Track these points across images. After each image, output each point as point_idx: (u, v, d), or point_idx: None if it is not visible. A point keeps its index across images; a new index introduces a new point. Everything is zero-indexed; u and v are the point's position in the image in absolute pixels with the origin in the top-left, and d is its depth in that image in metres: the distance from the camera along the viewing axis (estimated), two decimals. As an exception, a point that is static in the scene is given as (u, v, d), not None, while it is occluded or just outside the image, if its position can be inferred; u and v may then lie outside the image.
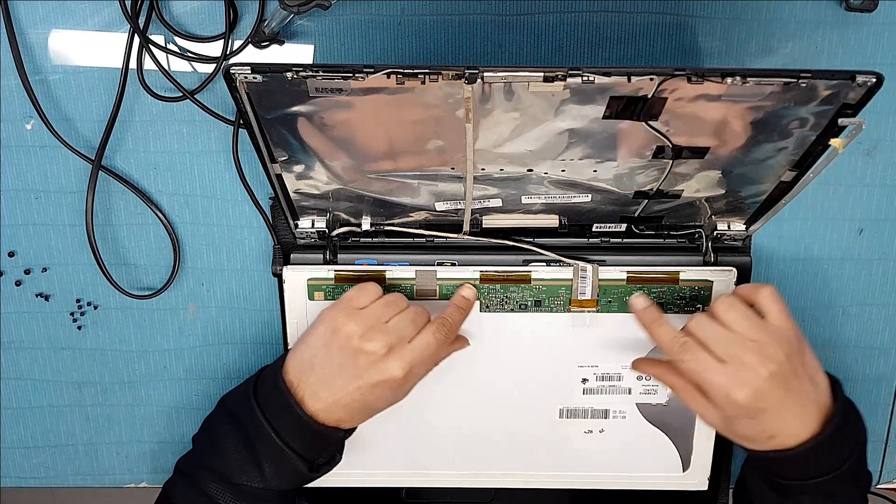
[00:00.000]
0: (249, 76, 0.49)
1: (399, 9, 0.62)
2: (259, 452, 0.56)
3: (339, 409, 0.57)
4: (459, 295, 0.62)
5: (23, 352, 0.70)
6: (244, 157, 0.65)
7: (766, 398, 0.53)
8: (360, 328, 0.56)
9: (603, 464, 0.68)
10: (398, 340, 0.57)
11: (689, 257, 0.65)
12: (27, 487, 0.74)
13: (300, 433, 0.56)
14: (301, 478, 0.58)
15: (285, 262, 0.64)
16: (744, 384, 0.53)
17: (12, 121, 0.65)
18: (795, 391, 0.54)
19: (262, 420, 0.56)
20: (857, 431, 0.58)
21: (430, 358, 0.58)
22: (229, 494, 0.57)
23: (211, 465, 0.58)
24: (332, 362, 0.56)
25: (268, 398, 0.57)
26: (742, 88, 0.49)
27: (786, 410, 0.54)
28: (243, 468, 0.57)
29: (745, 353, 0.53)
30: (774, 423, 0.54)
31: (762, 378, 0.53)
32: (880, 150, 0.66)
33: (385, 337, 0.56)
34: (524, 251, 0.64)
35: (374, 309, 0.58)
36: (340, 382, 0.56)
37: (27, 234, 0.67)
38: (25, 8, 0.63)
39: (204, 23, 0.63)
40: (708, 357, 0.54)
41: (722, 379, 0.54)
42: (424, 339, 0.58)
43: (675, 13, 0.63)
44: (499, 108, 0.52)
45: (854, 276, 0.69)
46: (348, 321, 0.57)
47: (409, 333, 0.57)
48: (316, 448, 0.58)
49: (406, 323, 0.58)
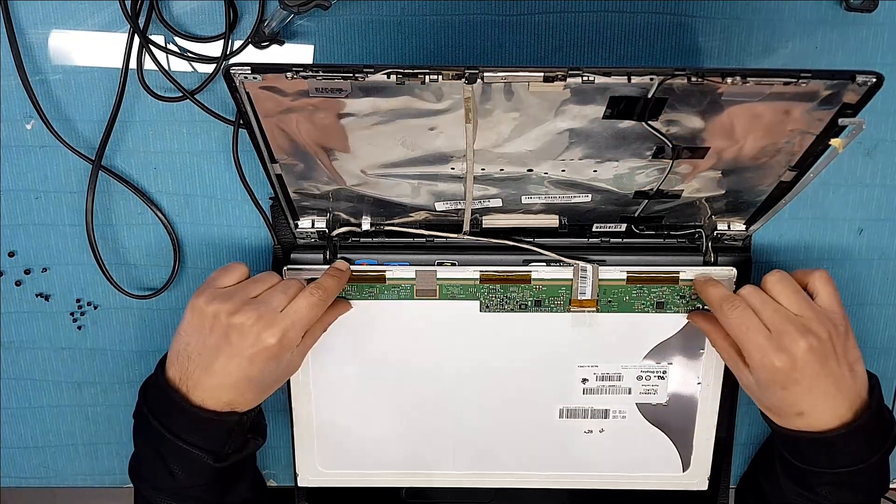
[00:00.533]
0: (249, 76, 0.49)
1: (399, 9, 0.62)
2: (164, 454, 0.57)
3: (225, 391, 0.56)
4: (333, 266, 0.62)
5: (23, 352, 0.70)
6: (244, 157, 0.65)
7: (802, 369, 0.54)
8: (227, 305, 0.55)
9: (603, 464, 0.68)
10: (267, 310, 0.55)
11: (689, 257, 0.65)
12: (27, 487, 0.74)
13: (192, 426, 0.56)
14: (211, 470, 0.57)
15: (285, 262, 0.64)
16: (782, 350, 0.54)
17: (12, 121, 0.65)
18: (832, 372, 0.55)
19: (154, 423, 0.56)
20: (889, 429, 0.58)
21: (305, 321, 0.57)
22: (164, 497, 0.58)
23: (139, 473, 0.60)
24: (207, 346, 0.56)
25: (155, 399, 0.58)
26: (742, 88, 0.49)
27: (818, 388, 0.55)
28: (157, 472, 0.57)
29: (789, 324, 0.54)
30: (805, 399, 0.55)
31: (801, 349, 0.54)
32: (880, 150, 0.66)
33: (252, 308, 0.55)
34: (524, 251, 0.64)
35: (241, 287, 0.57)
36: (218, 364, 0.55)
37: (27, 234, 0.67)
38: (25, 8, 0.63)
39: (204, 23, 0.63)
40: (753, 317, 0.55)
41: (762, 341, 0.55)
42: (297, 304, 0.57)
43: (675, 13, 0.63)
44: (499, 108, 0.52)
45: (854, 276, 0.69)
46: (212, 301, 0.56)
47: (279, 303, 0.56)
48: (215, 438, 0.57)
49: (275, 294, 0.57)
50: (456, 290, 0.63)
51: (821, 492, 0.58)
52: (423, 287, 0.63)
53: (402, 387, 0.66)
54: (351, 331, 0.64)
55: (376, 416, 0.67)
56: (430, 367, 0.66)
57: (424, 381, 0.66)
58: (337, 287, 0.61)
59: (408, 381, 0.66)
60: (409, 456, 0.68)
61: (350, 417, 0.67)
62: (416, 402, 0.67)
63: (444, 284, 0.63)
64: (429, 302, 0.64)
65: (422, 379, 0.66)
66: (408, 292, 0.63)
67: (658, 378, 0.66)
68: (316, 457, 0.68)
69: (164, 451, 0.57)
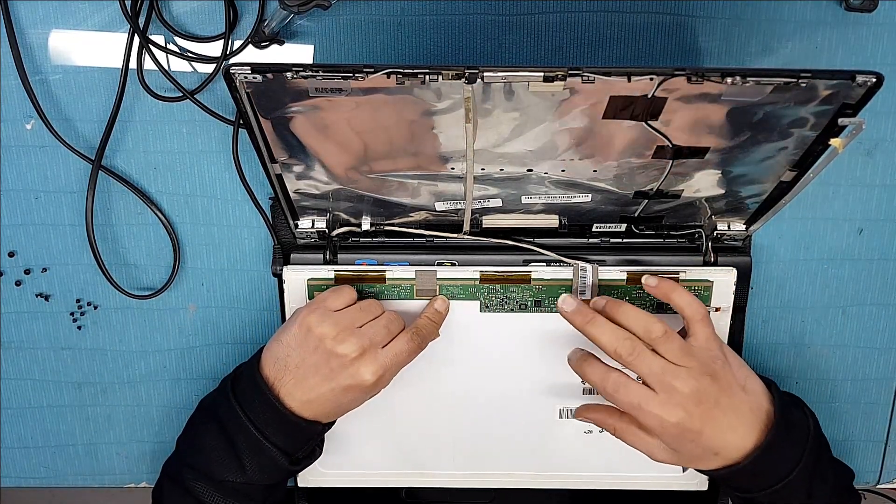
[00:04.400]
0: (249, 76, 0.49)
1: (399, 9, 0.62)
2: (239, 447, 0.57)
3: (313, 406, 0.57)
4: (433, 307, 0.63)
5: (23, 352, 0.70)
6: (244, 157, 0.65)
7: (699, 417, 0.54)
8: (334, 330, 0.57)
9: (603, 464, 0.68)
10: (370, 345, 0.57)
11: (689, 257, 0.65)
12: (27, 487, 0.74)
13: (279, 427, 0.57)
14: (282, 471, 0.58)
15: (285, 262, 0.64)
16: (674, 407, 0.54)
17: (12, 121, 0.65)
18: (727, 405, 0.55)
19: (240, 415, 0.57)
20: (804, 429, 0.58)
21: (402, 365, 0.59)
22: (214, 492, 0.58)
23: (193, 464, 0.59)
24: (306, 362, 0.57)
25: (245, 394, 0.58)
26: (742, 88, 0.49)
27: (722, 425, 0.55)
28: (224, 464, 0.57)
29: (673, 380, 0.54)
30: (714, 440, 0.55)
31: (691, 400, 0.54)
32: (880, 150, 0.66)
33: (358, 340, 0.57)
34: (524, 251, 0.64)
35: (349, 313, 0.58)
36: (313, 382, 0.57)
37: (27, 234, 0.67)
38: (25, 8, 0.63)
39: (204, 23, 0.63)
40: (640, 390, 0.55)
41: (654, 408, 0.54)
42: (398, 347, 0.59)
43: (675, 13, 0.63)
44: (499, 108, 0.52)
45: (854, 276, 0.69)
46: (322, 322, 0.57)
47: (381, 339, 0.58)
48: (295, 442, 0.58)
49: (379, 328, 0.58)
50: (456, 290, 0.63)
51: None
52: (423, 287, 0.63)
53: (402, 387, 0.66)
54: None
55: (376, 416, 0.67)
56: (429, 367, 0.65)
57: (424, 380, 0.66)
58: (435, 330, 0.62)
59: (407, 381, 0.66)
60: (409, 456, 0.68)
61: (350, 417, 0.67)
62: (416, 401, 0.67)
63: (444, 284, 0.63)
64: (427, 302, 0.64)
65: (421, 379, 0.66)
66: (408, 292, 0.63)
67: (658, 378, 0.66)
68: (316, 457, 0.68)
69: (240, 444, 0.57)
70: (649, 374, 0.55)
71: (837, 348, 0.70)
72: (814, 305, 0.69)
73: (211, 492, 0.58)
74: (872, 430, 0.72)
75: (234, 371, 0.61)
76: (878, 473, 0.74)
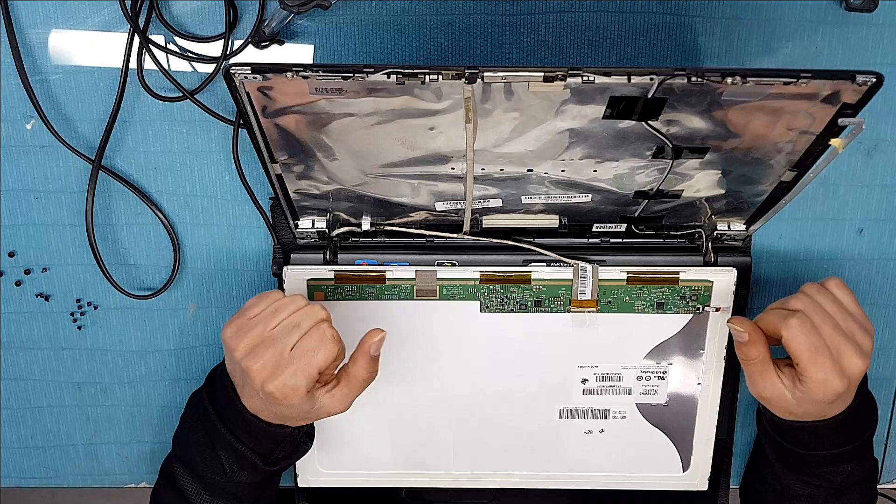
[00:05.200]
0: (249, 76, 0.49)
1: (399, 9, 0.62)
2: (216, 444, 0.57)
3: (263, 415, 0.55)
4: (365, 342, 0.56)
5: (23, 352, 0.70)
6: (244, 157, 0.65)
7: (853, 386, 0.56)
8: (241, 344, 0.53)
9: (603, 464, 0.68)
10: (273, 355, 0.53)
11: (689, 257, 0.65)
12: (27, 487, 0.74)
13: (245, 428, 0.56)
14: (259, 471, 0.58)
15: (285, 262, 0.64)
16: (843, 374, 0.54)
17: (12, 121, 0.65)
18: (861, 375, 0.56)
19: (212, 413, 0.57)
20: (869, 398, 0.61)
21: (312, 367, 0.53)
22: (201, 490, 0.58)
23: (182, 458, 0.59)
24: (235, 376, 0.56)
25: (217, 392, 0.58)
26: (742, 88, 0.49)
27: (853, 393, 0.57)
28: (206, 460, 0.58)
29: (847, 344, 0.54)
30: (842, 403, 0.56)
31: (857, 370, 0.54)
32: (880, 150, 0.66)
33: (259, 353, 0.53)
34: (524, 251, 0.64)
35: (261, 318, 0.54)
36: (246, 391, 0.55)
37: (27, 234, 0.67)
38: (25, 8, 0.63)
39: (204, 23, 0.63)
40: (821, 338, 0.54)
41: (828, 364, 0.54)
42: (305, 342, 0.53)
43: (675, 13, 0.63)
44: (499, 108, 0.52)
45: (854, 276, 0.69)
46: (234, 336, 0.54)
47: (290, 342, 0.53)
48: (264, 444, 0.57)
49: (290, 330, 0.54)
50: (456, 290, 0.63)
51: (821, 473, 0.59)
52: (423, 287, 0.63)
53: (402, 387, 0.66)
54: (351, 331, 0.64)
55: (376, 416, 0.67)
56: (430, 367, 0.66)
57: (424, 381, 0.66)
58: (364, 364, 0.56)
59: (408, 381, 0.66)
60: (409, 456, 0.68)
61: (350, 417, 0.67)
62: (416, 402, 0.67)
63: (444, 284, 0.63)
64: (429, 302, 0.64)
65: (422, 379, 0.66)
66: (408, 292, 0.63)
67: (658, 378, 0.66)
68: (316, 457, 0.68)
69: (216, 441, 0.57)
70: (826, 331, 0.54)
71: (837, 348, 0.70)
72: (814, 305, 0.69)
73: (198, 490, 0.58)
74: (872, 430, 0.72)
75: (212, 370, 0.60)
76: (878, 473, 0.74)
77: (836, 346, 0.54)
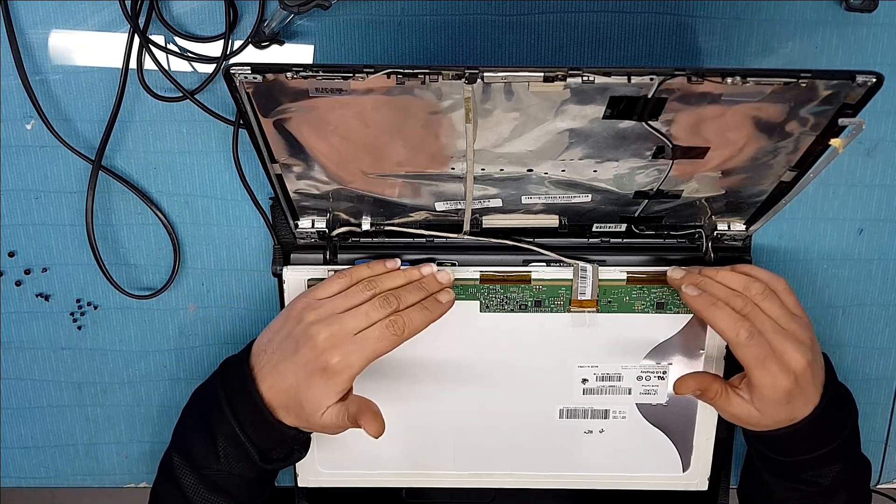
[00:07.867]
0: (249, 76, 0.49)
1: (399, 9, 0.62)
2: (216, 432, 0.58)
3: (277, 393, 0.57)
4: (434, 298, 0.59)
5: (23, 352, 0.70)
6: (244, 157, 0.65)
7: (802, 382, 0.56)
8: (312, 314, 0.57)
9: (603, 464, 0.68)
10: (340, 331, 0.56)
11: (689, 257, 0.65)
12: (27, 487, 0.74)
13: (252, 419, 0.57)
14: (254, 467, 0.58)
15: (285, 262, 0.64)
16: (786, 371, 0.56)
17: (12, 121, 0.65)
18: (817, 371, 0.58)
19: (221, 399, 0.58)
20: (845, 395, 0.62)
21: (369, 353, 0.56)
22: (197, 483, 0.58)
23: (179, 446, 0.60)
24: (282, 346, 0.57)
25: (231, 379, 0.59)
26: (742, 88, 0.49)
27: (810, 392, 0.57)
28: (202, 450, 0.58)
29: (786, 342, 0.56)
30: (800, 403, 0.57)
31: (801, 365, 0.56)
32: (880, 150, 0.66)
33: (328, 326, 0.56)
34: (524, 251, 0.64)
35: (332, 300, 0.58)
36: (283, 367, 0.57)
37: (27, 234, 0.67)
38: (25, 8, 0.63)
39: (204, 23, 0.63)
40: (767, 347, 0.56)
41: (774, 367, 0.56)
42: (369, 334, 0.56)
43: (675, 13, 0.63)
44: (499, 108, 0.52)
45: (854, 276, 0.69)
46: (305, 309, 0.58)
47: (356, 325, 0.56)
48: (268, 440, 0.58)
49: (359, 315, 0.56)
50: (456, 290, 0.63)
51: (808, 477, 0.60)
52: (423, 287, 0.63)
53: (402, 387, 0.66)
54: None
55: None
56: (430, 367, 0.66)
57: (424, 381, 0.66)
58: (424, 321, 0.58)
59: (408, 381, 0.66)
60: (409, 456, 0.68)
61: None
62: (416, 402, 0.67)
63: (444, 284, 0.63)
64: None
65: (422, 379, 0.66)
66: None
67: (658, 378, 0.66)
68: (316, 457, 0.68)
69: (217, 428, 0.57)
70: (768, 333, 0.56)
71: (837, 348, 0.70)
72: (814, 305, 0.69)
73: (194, 483, 0.58)
74: (872, 430, 0.72)
75: (227, 358, 0.61)
76: (878, 473, 0.74)
77: (776, 346, 0.56)
